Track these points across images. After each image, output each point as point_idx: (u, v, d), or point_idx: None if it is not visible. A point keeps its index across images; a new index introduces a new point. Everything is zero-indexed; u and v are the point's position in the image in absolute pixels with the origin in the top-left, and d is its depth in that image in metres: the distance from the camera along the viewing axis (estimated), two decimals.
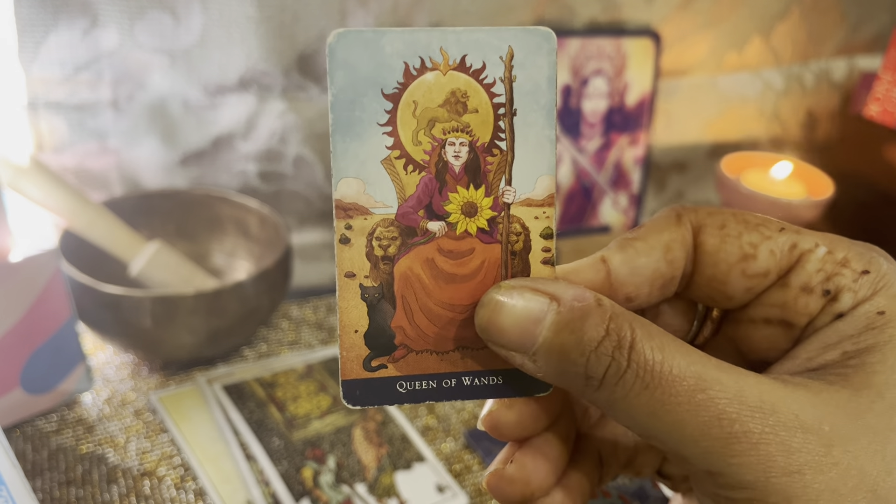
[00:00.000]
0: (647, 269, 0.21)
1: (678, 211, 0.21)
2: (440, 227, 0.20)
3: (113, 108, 0.56)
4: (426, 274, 0.20)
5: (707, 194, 0.83)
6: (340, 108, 0.19)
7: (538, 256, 0.21)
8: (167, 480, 0.46)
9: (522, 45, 0.20)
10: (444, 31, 0.19)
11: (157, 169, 0.60)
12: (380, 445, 0.50)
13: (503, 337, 0.20)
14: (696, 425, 0.17)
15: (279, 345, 0.59)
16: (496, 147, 0.20)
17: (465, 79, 0.20)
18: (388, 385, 0.21)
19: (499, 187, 0.20)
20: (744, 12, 0.73)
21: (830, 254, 0.20)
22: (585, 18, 0.66)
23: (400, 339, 0.21)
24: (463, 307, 0.21)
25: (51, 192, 0.51)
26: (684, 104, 0.76)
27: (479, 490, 0.48)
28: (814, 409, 0.17)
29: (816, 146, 0.86)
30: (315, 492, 0.45)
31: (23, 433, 0.48)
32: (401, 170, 0.20)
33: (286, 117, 0.61)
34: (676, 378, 0.18)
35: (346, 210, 0.20)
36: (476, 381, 0.21)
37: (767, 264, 0.20)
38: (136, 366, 0.55)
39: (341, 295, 0.20)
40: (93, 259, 0.53)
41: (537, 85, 0.20)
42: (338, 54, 0.19)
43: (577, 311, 0.19)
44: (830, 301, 0.19)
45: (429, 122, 0.20)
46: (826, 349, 0.19)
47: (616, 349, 0.18)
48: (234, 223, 0.61)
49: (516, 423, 0.21)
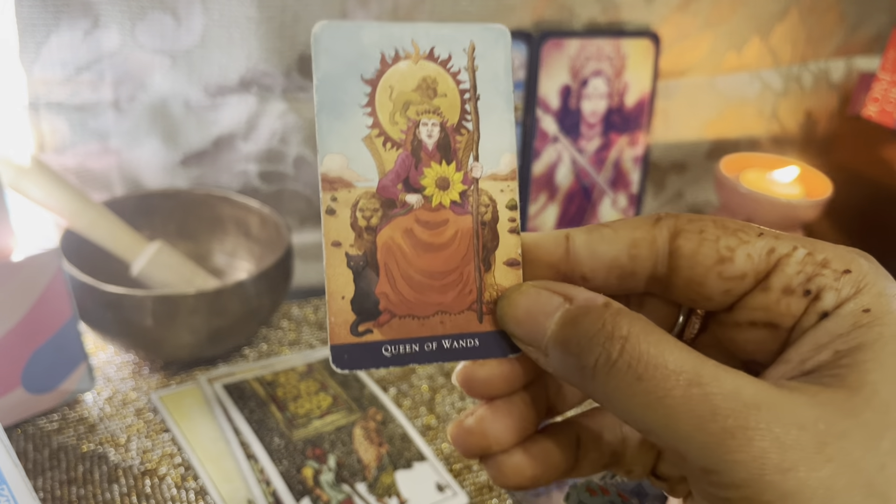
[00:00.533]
0: (607, 256, 0.22)
1: (659, 215, 0.22)
2: (418, 199, 0.22)
3: (114, 109, 0.57)
4: (406, 243, 0.22)
5: (706, 194, 0.83)
6: (325, 90, 0.21)
7: (505, 226, 0.23)
8: (168, 479, 0.46)
9: (482, 40, 0.22)
10: (415, 26, 0.22)
11: (158, 169, 0.60)
12: (380, 444, 0.50)
13: (518, 328, 0.21)
14: (691, 420, 0.17)
15: (280, 344, 0.59)
16: (464, 127, 0.22)
17: (434, 67, 0.22)
18: (374, 349, 0.22)
19: (468, 163, 0.22)
20: (743, 13, 0.73)
21: (810, 255, 0.20)
22: (585, 19, 0.67)
23: (384, 305, 0.22)
24: (440, 274, 0.22)
25: (52, 192, 0.51)
26: (683, 105, 0.76)
27: (479, 489, 0.48)
28: (810, 409, 0.17)
29: (815, 146, 0.87)
30: (315, 491, 0.46)
31: (24, 432, 0.48)
32: (380, 147, 0.22)
33: (287, 118, 0.61)
34: (672, 372, 0.18)
35: (332, 183, 0.21)
36: (455, 344, 0.22)
37: (744, 267, 0.20)
38: (137, 365, 0.55)
39: (328, 263, 0.21)
40: (94, 259, 0.53)
41: (496, 74, 0.22)
42: (322, 42, 0.21)
43: (582, 308, 0.20)
44: (813, 301, 0.20)
45: (404, 105, 0.22)
46: (818, 350, 0.19)
47: (607, 340, 0.19)
48: (234, 223, 0.61)
49: (485, 381, 0.23)
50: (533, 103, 0.67)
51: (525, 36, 0.64)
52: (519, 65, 0.65)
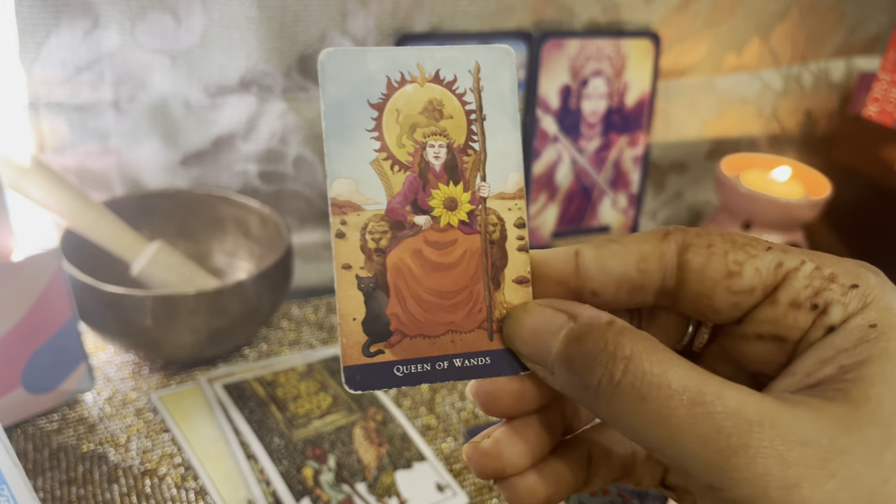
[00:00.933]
0: (616, 271, 0.22)
1: (667, 230, 0.22)
2: (426, 220, 0.22)
3: (114, 109, 0.57)
4: (415, 264, 0.22)
5: (706, 194, 0.83)
6: (332, 116, 0.21)
7: (514, 244, 0.23)
8: (168, 479, 0.46)
9: (487, 60, 0.22)
10: (420, 50, 0.22)
11: (158, 169, 0.60)
12: (380, 445, 0.50)
13: (524, 346, 0.22)
14: (696, 438, 0.18)
15: (280, 344, 0.59)
16: (470, 148, 0.22)
17: (439, 89, 0.22)
18: (386, 369, 0.22)
19: (475, 183, 0.23)
20: (743, 13, 0.73)
21: (818, 270, 0.20)
22: (585, 19, 0.67)
23: (395, 325, 0.22)
24: (449, 293, 0.22)
25: (52, 192, 0.51)
26: (683, 105, 0.76)
27: (479, 489, 0.48)
28: (813, 424, 0.17)
29: (815, 146, 0.87)
30: (315, 491, 0.46)
31: (24, 432, 0.48)
32: (388, 170, 0.22)
33: (286, 118, 0.61)
34: (675, 391, 0.18)
35: (341, 207, 0.21)
36: (466, 363, 0.22)
37: (752, 281, 0.21)
38: (137, 365, 0.55)
39: (339, 286, 0.22)
40: (94, 259, 0.53)
41: (502, 94, 0.23)
42: (328, 70, 0.21)
43: (586, 326, 0.20)
44: (820, 315, 0.20)
45: (410, 128, 0.22)
46: (823, 363, 0.19)
47: (610, 359, 0.19)
48: (234, 223, 0.61)
49: (497, 399, 0.23)
50: (533, 103, 0.67)
51: (525, 36, 0.64)
52: (519, 65, 0.65)
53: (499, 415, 0.23)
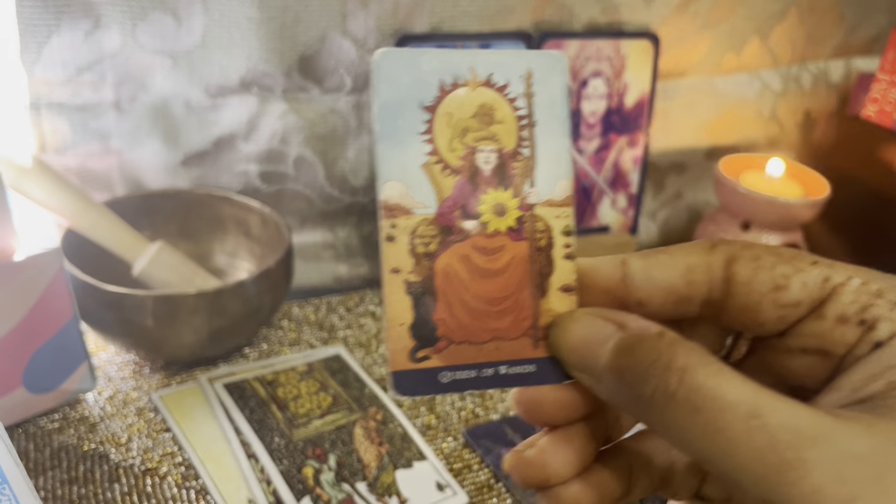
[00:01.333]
0: (664, 281, 0.22)
1: (714, 241, 0.22)
2: (475, 225, 0.22)
3: (115, 109, 0.57)
4: (463, 269, 0.22)
5: (705, 195, 0.83)
6: (385, 118, 0.21)
7: (560, 252, 0.23)
8: (169, 479, 0.47)
9: (539, 66, 0.22)
10: (474, 53, 0.22)
11: (159, 169, 0.60)
12: (380, 444, 0.50)
13: (571, 356, 0.22)
14: (750, 451, 0.17)
15: (280, 344, 0.59)
16: (520, 154, 0.22)
17: (491, 94, 0.22)
18: (433, 375, 0.22)
19: (524, 189, 0.22)
20: (742, 14, 0.73)
21: (865, 285, 0.20)
22: (584, 20, 0.67)
23: (442, 331, 0.22)
24: (496, 300, 0.22)
25: (53, 192, 0.51)
26: (683, 105, 0.76)
27: (478, 488, 0.48)
28: (866, 440, 0.17)
29: (814, 147, 0.87)
30: (316, 490, 0.46)
31: (25, 432, 0.48)
32: (438, 174, 0.22)
33: (287, 118, 0.61)
34: (730, 403, 0.18)
35: (391, 210, 0.21)
36: (511, 370, 0.22)
37: (799, 295, 0.21)
38: (138, 365, 0.55)
39: (388, 290, 0.21)
40: (95, 259, 0.53)
41: (553, 100, 0.23)
42: (382, 70, 0.21)
43: (637, 336, 0.20)
44: (867, 330, 0.20)
45: (462, 132, 0.22)
46: (870, 379, 0.19)
47: (665, 371, 0.19)
48: (235, 223, 0.62)
49: (541, 407, 0.23)
50: None
51: (525, 36, 0.65)
52: None
53: (542, 423, 0.23)
